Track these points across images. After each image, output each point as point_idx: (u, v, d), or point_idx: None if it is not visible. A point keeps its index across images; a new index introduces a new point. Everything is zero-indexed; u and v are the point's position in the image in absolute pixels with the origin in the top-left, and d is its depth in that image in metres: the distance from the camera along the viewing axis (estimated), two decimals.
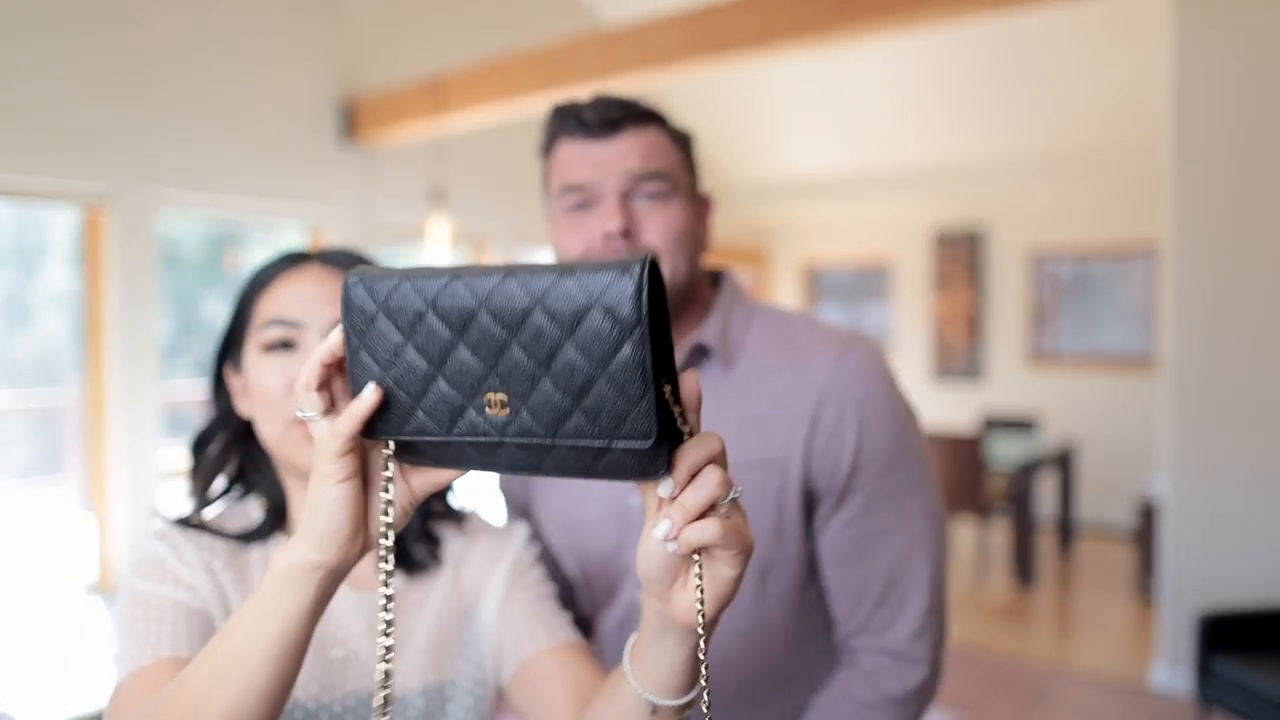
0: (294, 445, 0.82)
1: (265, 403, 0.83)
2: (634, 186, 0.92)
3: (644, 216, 0.92)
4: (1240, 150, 3.44)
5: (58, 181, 3.55)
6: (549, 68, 3.74)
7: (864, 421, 0.93)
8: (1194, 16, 3.51)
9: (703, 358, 0.97)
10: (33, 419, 4.42)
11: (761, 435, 0.94)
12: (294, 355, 0.83)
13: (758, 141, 6.99)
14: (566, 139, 0.95)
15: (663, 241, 0.92)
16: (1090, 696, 3.62)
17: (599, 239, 0.92)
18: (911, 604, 0.94)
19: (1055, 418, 6.52)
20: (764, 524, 0.94)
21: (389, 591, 0.58)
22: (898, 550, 0.94)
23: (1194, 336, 3.54)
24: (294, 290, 0.85)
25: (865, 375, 0.94)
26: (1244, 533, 3.45)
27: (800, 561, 0.96)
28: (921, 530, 0.95)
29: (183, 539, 0.83)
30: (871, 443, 0.93)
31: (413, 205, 4.88)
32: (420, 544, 0.90)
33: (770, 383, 0.95)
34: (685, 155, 0.99)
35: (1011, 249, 6.81)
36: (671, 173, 0.94)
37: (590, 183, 0.93)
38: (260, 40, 4.24)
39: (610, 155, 0.92)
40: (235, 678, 0.58)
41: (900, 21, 2.86)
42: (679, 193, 0.95)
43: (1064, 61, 5.35)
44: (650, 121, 0.95)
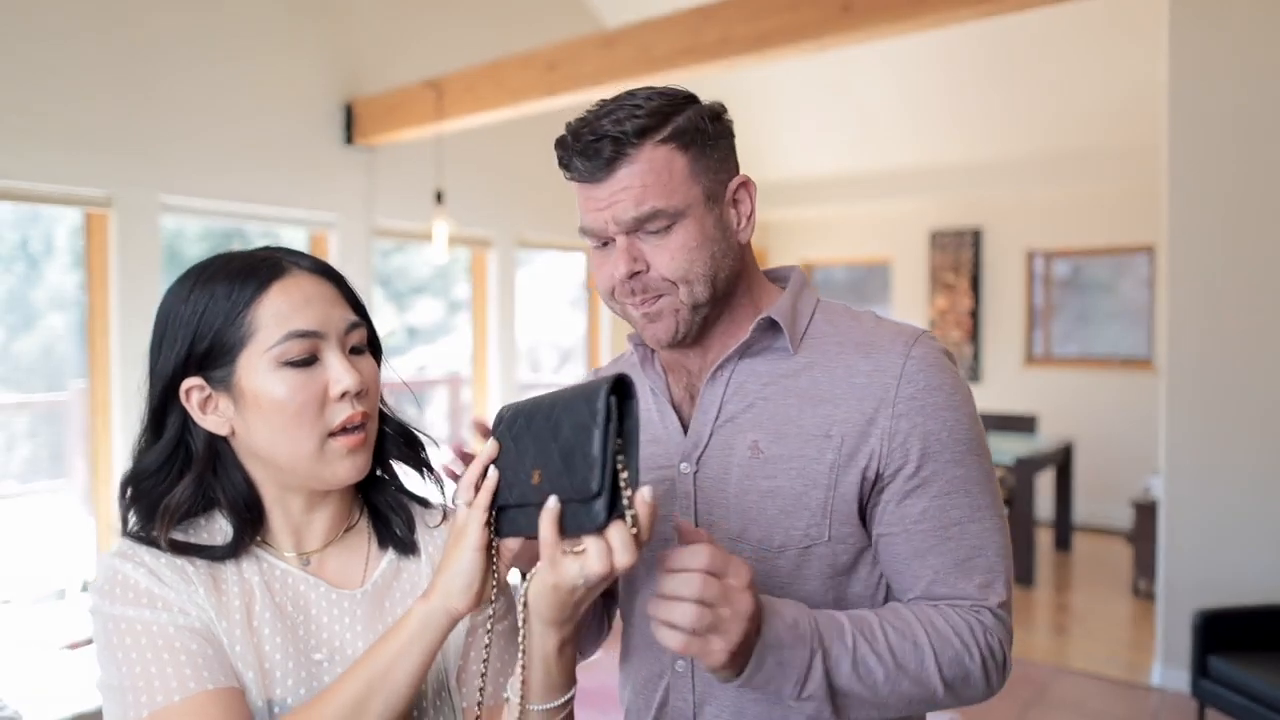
0: (327, 460, 0.82)
1: (292, 417, 0.80)
2: (635, 227, 0.92)
3: (653, 252, 0.93)
4: (1235, 152, 3.45)
5: (60, 185, 3.57)
6: (549, 69, 3.76)
7: (935, 407, 0.92)
8: (1186, 19, 3.52)
9: (771, 334, 0.98)
10: (36, 420, 4.43)
11: (824, 412, 0.94)
12: (317, 367, 0.81)
13: (757, 142, 7.00)
14: (569, 177, 0.95)
15: (671, 272, 0.93)
16: (1088, 695, 3.64)
17: (615, 281, 0.94)
18: (993, 595, 0.94)
19: (1053, 418, 6.54)
20: (814, 498, 0.93)
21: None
22: (973, 541, 0.93)
23: (1190, 337, 3.56)
24: (299, 298, 0.82)
25: (936, 365, 0.94)
26: (1241, 532, 3.47)
27: (846, 544, 0.95)
28: (993, 525, 0.95)
29: (151, 559, 0.80)
30: (944, 431, 0.92)
31: (414, 208, 4.89)
32: (398, 517, 0.91)
33: (836, 364, 0.96)
34: (697, 157, 0.94)
35: (1010, 250, 6.82)
36: (669, 202, 0.91)
37: (596, 228, 0.94)
38: (262, 43, 4.25)
39: (605, 199, 0.92)
40: (377, 708, 0.75)
41: (899, 23, 2.87)
42: (684, 215, 0.92)
43: (1063, 63, 5.37)
44: (644, 140, 0.90)
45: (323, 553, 0.89)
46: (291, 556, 0.87)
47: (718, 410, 0.98)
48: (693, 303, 0.94)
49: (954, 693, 0.90)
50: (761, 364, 0.99)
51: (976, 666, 0.90)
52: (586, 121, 0.93)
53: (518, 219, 5.50)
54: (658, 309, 0.94)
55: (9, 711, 2.46)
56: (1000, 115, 5.92)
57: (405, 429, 0.93)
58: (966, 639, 0.90)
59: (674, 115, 0.93)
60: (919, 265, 7.24)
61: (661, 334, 0.96)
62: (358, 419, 0.82)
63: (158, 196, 3.86)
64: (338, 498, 0.89)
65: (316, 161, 4.49)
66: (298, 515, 0.87)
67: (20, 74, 3.43)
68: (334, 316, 0.83)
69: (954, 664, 0.89)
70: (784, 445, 0.94)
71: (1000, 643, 0.92)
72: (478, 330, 5.57)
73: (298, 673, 0.81)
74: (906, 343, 0.95)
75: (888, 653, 0.87)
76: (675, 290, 0.93)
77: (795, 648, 0.82)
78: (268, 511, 0.87)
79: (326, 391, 0.81)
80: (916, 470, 0.92)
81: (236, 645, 0.80)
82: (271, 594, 0.84)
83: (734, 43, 3.20)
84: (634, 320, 0.97)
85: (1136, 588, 4.84)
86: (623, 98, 0.94)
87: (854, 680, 0.85)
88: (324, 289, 0.84)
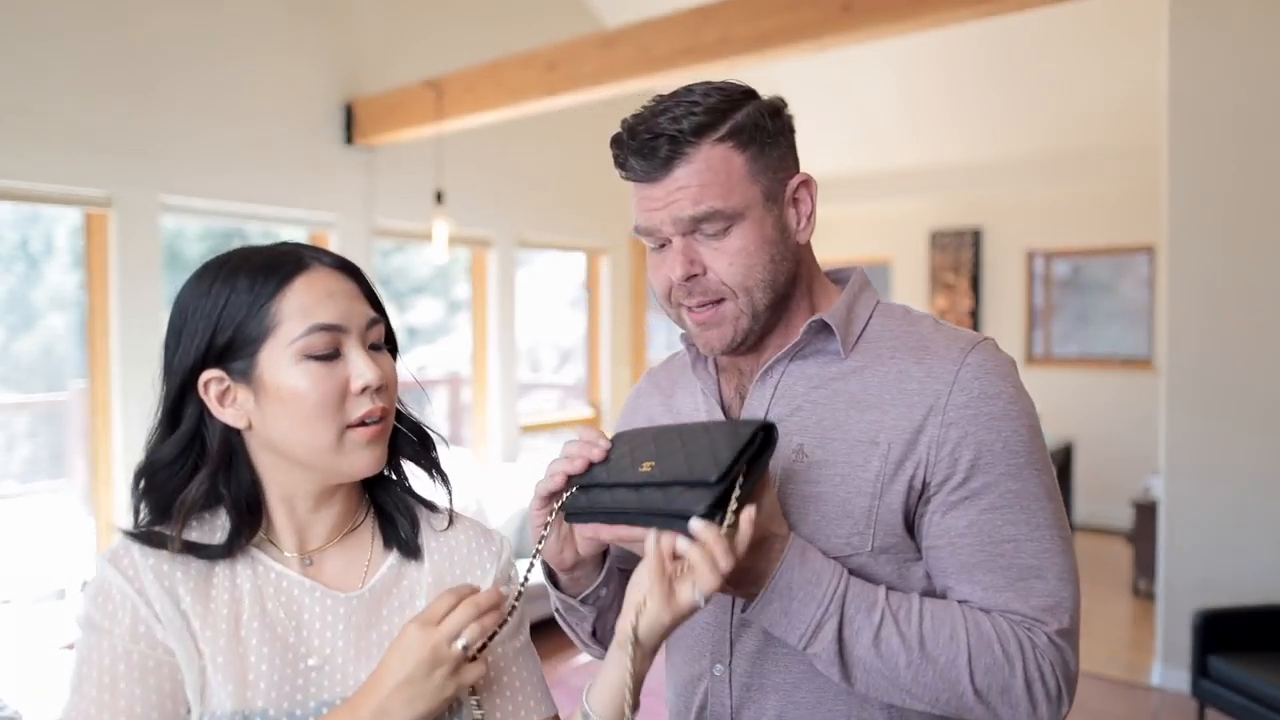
0: (346, 451, 0.82)
1: (314, 409, 0.80)
2: (692, 228, 0.90)
3: (710, 256, 0.91)
4: (1235, 152, 3.46)
5: (60, 185, 3.57)
6: (549, 69, 3.76)
7: (990, 417, 0.88)
8: (1186, 20, 3.52)
9: (823, 336, 0.96)
10: (36, 420, 4.44)
11: (871, 418, 0.91)
12: (339, 361, 0.82)
13: None
14: (625, 176, 0.93)
15: (729, 278, 0.91)
16: (1088, 695, 3.64)
17: (672, 283, 0.92)
18: (1052, 620, 0.87)
19: (1053, 418, 6.53)
20: (859, 506, 0.90)
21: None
22: (1028, 561, 0.87)
23: (1191, 337, 3.56)
24: (322, 293, 0.83)
25: (993, 372, 0.90)
26: (1241, 532, 3.47)
27: (890, 555, 0.91)
28: (1055, 547, 0.88)
29: (142, 561, 0.80)
30: (999, 442, 0.88)
31: (414, 208, 4.89)
32: (404, 518, 0.91)
33: (887, 369, 0.93)
34: (756, 156, 0.91)
35: (1010, 250, 6.82)
36: (727, 202, 0.89)
37: (653, 227, 0.92)
38: (262, 43, 4.25)
39: (661, 199, 0.89)
40: None
41: (899, 23, 2.87)
42: (745, 214, 0.90)
43: (1063, 63, 5.37)
44: (703, 139, 0.88)
45: (324, 552, 0.88)
46: (293, 556, 0.87)
47: (764, 412, 0.96)
48: (752, 311, 0.92)
49: (988, 705, 0.84)
50: (812, 366, 0.96)
51: (1018, 683, 0.84)
52: (643, 119, 0.90)
53: (518, 219, 5.50)
54: (716, 316, 0.92)
55: (9, 711, 2.46)
56: (1000, 115, 5.92)
57: (419, 428, 0.93)
58: (1011, 651, 0.84)
59: (732, 112, 0.91)
60: (919, 265, 7.24)
61: (716, 341, 0.94)
62: (377, 413, 0.83)
63: (158, 196, 3.86)
64: (344, 497, 0.89)
65: (316, 161, 4.49)
66: (303, 514, 0.87)
67: (20, 74, 3.43)
68: (356, 311, 0.84)
69: (989, 672, 0.84)
70: (829, 451, 0.92)
71: (1053, 669, 0.85)
72: (478, 330, 5.57)
73: (282, 685, 0.81)
74: (963, 349, 0.91)
75: (916, 638, 0.84)
76: (735, 297, 0.91)
77: (805, 603, 0.82)
78: (272, 509, 0.86)
79: (348, 385, 0.82)
80: (964, 481, 0.88)
81: (219, 656, 0.80)
82: (263, 600, 0.83)
83: (734, 43, 3.20)
84: (688, 327, 0.96)
85: (1136, 588, 4.84)
86: (680, 94, 0.91)
87: (872, 654, 0.84)
88: (345, 284, 0.85)
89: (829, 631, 0.83)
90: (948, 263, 7.03)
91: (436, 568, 0.91)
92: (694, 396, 1.05)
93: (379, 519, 0.92)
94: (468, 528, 0.95)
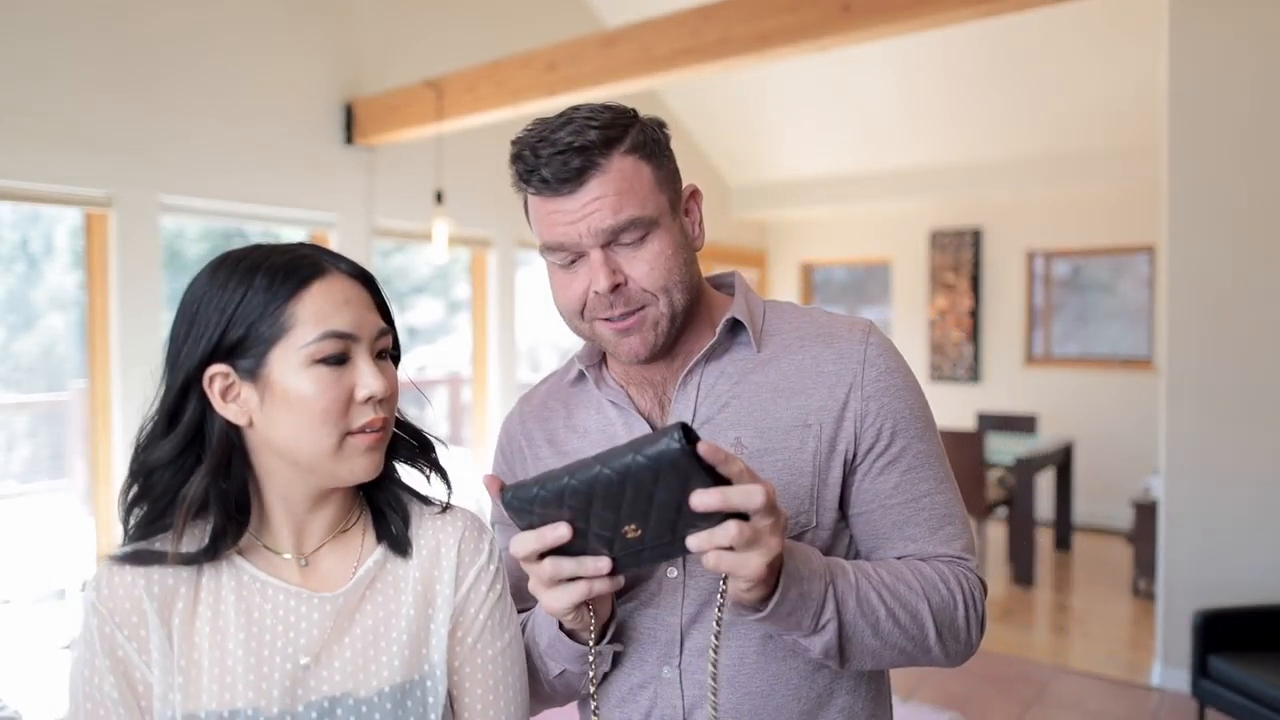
0: (345, 456, 0.83)
1: (319, 414, 0.81)
2: (611, 238, 0.91)
3: (629, 263, 0.92)
4: (1235, 152, 3.45)
5: (60, 185, 3.57)
6: (549, 69, 3.76)
7: (899, 389, 0.97)
8: (1186, 20, 3.52)
9: (735, 333, 1.02)
10: (36, 420, 4.44)
11: (797, 403, 0.97)
12: (347, 369, 0.83)
13: (757, 142, 7.00)
14: (532, 192, 0.94)
15: (652, 284, 0.93)
16: (1088, 695, 3.64)
17: (592, 294, 0.93)
18: (967, 557, 0.99)
19: (1053, 418, 6.54)
20: (802, 486, 0.96)
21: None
22: (942, 510, 0.98)
23: (1190, 337, 3.56)
24: (338, 299, 0.84)
25: (890, 349, 1.00)
26: (1241, 532, 3.47)
27: (830, 530, 0.98)
28: (954, 496, 1.00)
29: (123, 588, 0.81)
30: (905, 409, 0.97)
31: (414, 208, 4.89)
32: (396, 514, 0.91)
33: (800, 356, 0.99)
34: (659, 166, 0.94)
35: (1010, 250, 6.82)
36: (644, 210, 0.91)
37: (568, 242, 0.92)
38: (262, 43, 4.25)
39: (576, 211, 0.90)
40: None
41: (899, 23, 2.88)
42: (658, 222, 0.93)
43: (1063, 63, 5.37)
44: (612, 151, 0.90)
45: (318, 552, 0.89)
46: (290, 557, 0.87)
47: (693, 413, 0.99)
48: (672, 312, 0.95)
49: (943, 642, 0.93)
50: (728, 364, 1.00)
51: (960, 615, 0.94)
52: (541, 136, 0.91)
53: (518, 219, 5.47)
54: (638, 321, 0.94)
55: (9, 711, 2.46)
56: (1000, 115, 5.92)
57: (419, 433, 0.94)
58: (951, 585, 0.94)
59: (630, 127, 0.93)
60: (919, 265, 7.24)
61: (639, 347, 0.95)
62: (378, 423, 0.84)
63: (158, 196, 3.86)
64: (340, 497, 0.90)
65: (316, 161, 4.49)
66: (300, 514, 0.88)
67: (20, 73, 3.43)
68: (368, 321, 0.85)
69: (942, 609, 0.93)
70: (766, 439, 0.97)
71: (976, 594, 0.96)
72: (478, 330, 5.57)
73: (268, 686, 0.81)
74: (864, 331, 1.00)
75: (885, 589, 0.90)
76: (656, 301, 0.94)
77: (812, 580, 0.85)
78: (270, 509, 0.87)
79: (353, 393, 0.83)
80: (887, 448, 0.96)
81: (203, 659, 0.81)
82: (248, 603, 0.84)
83: (734, 43, 3.20)
84: (604, 338, 0.96)
85: (1136, 588, 4.84)
86: (567, 113, 0.93)
87: (859, 615, 0.88)
88: (360, 293, 0.86)
89: (831, 601, 0.86)
90: (948, 263, 7.03)
91: (424, 562, 0.91)
92: (602, 413, 1.04)
93: (372, 515, 0.93)
94: (460, 519, 0.94)
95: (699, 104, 6.72)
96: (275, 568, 0.87)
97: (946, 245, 7.03)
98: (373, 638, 0.86)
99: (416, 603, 0.88)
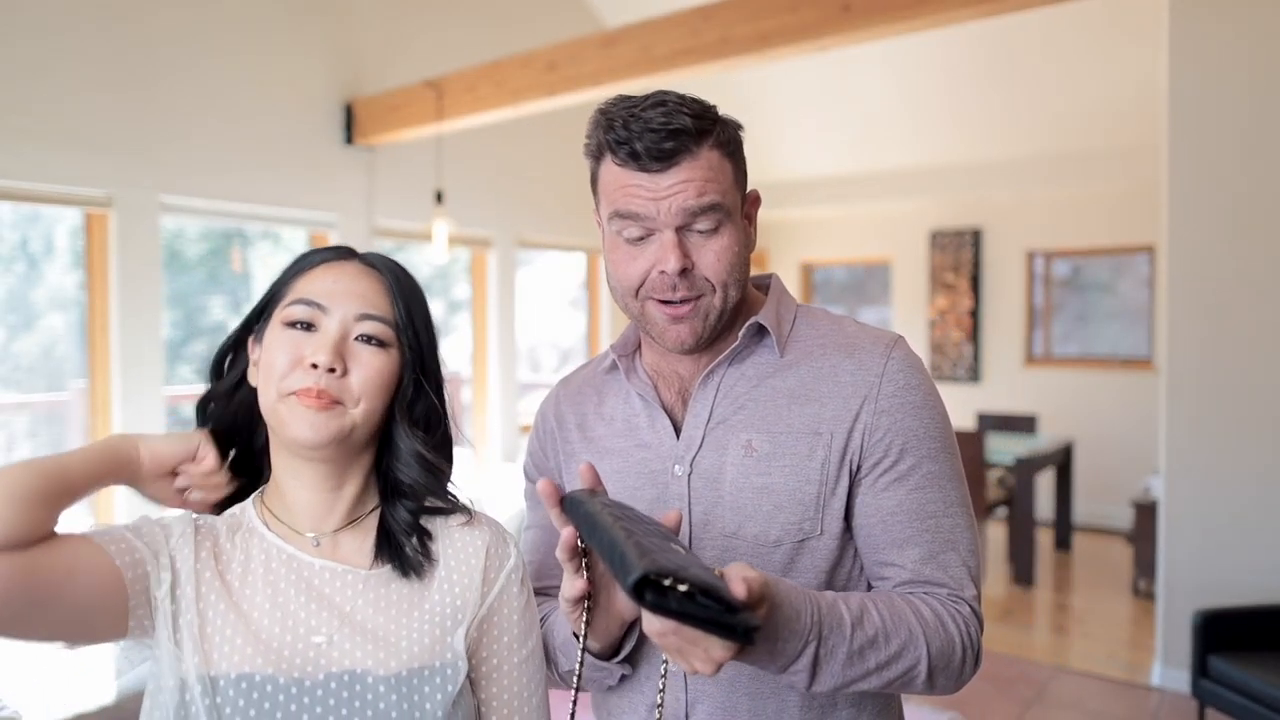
0: (285, 414, 0.85)
1: (269, 372, 0.86)
2: (689, 221, 0.93)
3: (698, 250, 0.94)
4: (1235, 152, 3.45)
5: (60, 185, 3.57)
6: (549, 69, 3.76)
7: (915, 406, 0.96)
8: (1186, 20, 3.52)
9: (760, 337, 1.02)
10: (36, 420, 4.44)
11: (811, 411, 0.97)
12: (310, 336, 0.86)
13: (757, 142, 7.00)
14: (616, 162, 0.95)
15: (715, 275, 0.95)
16: (1088, 695, 3.64)
17: (656, 274, 0.94)
18: (968, 588, 0.97)
19: (1053, 418, 6.54)
20: (808, 493, 0.96)
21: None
22: (947, 535, 0.96)
23: (1190, 337, 3.56)
24: (329, 279, 0.89)
25: (914, 367, 0.99)
26: (1241, 532, 3.47)
27: (835, 539, 0.97)
28: (964, 522, 0.97)
29: (176, 526, 0.87)
30: (920, 427, 0.96)
31: (414, 208, 4.89)
32: (412, 538, 0.90)
33: (820, 364, 1.00)
34: (737, 164, 0.98)
35: (1010, 250, 6.82)
36: (724, 199, 0.94)
37: (644, 215, 0.93)
38: (262, 43, 4.25)
39: (664, 189, 0.92)
40: None
41: (899, 23, 2.88)
42: (731, 217, 0.95)
43: (1063, 63, 5.37)
44: (703, 141, 0.93)
45: (337, 535, 0.90)
46: (310, 536, 0.89)
47: (709, 413, 1.00)
48: (723, 306, 0.97)
49: (933, 681, 0.92)
50: (750, 368, 1.01)
51: (958, 657, 0.92)
52: (632, 112, 0.93)
53: (518, 219, 5.50)
54: (691, 311, 0.95)
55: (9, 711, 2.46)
56: (1000, 115, 5.92)
57: (420, 454, 0.91)
58: (952, 630, 0.92)
59: (717, 122, 0.96)
60: (919, 265, 7.24)
61: (688, 336, 0.97)
62: (313, 391, 0.84)
63: (158, 196, 3.86)
64: (357, 482, 0.91)
65: (316, 161, 4.49)
66: (316, 492, 0.89)
67: (20, 73, 3.43)
68: (351, 298, 0.88)
69: (942, 654, 0.91)
70: (776, 443, 0.97)
71: (975, 635, 0.94)
72: (478, 330, 5.57)
73: (294, 655, 0.83)
74: (887, 345, 0.99)
75: (883, 639, 0.87)
76: (714, 293, 0.95)
77: (790, 640, 0.82)
78: (284, 485, 0.90)
79: (304, 359, 0.86)
80: (894, 464, 0.95)
81: (226, 616, 0.84)
82: (275, 573, 0.87)
83: (734, 43, 3.20)
84: (654, 321, 0.97)
85: (1136, 588, 4.84)
86: (657, 95, 0.95)
87: (846, 666, 0.86)
88: (365, 279, 0.90)
89: (808, 656, 0.84)
90: (948, 263, 7.03)
91: (451, 560, 0.92)
92: (629, 403, 1.07)
93: (378, 532, 0.92)
94: (484, 526, 0.96)
95: None
96: (299, 545, 0.89)
97: (946, 245, 7.03)
98: (394, 619, 0.87)
99: (444, 593, 0.90)
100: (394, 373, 0.89)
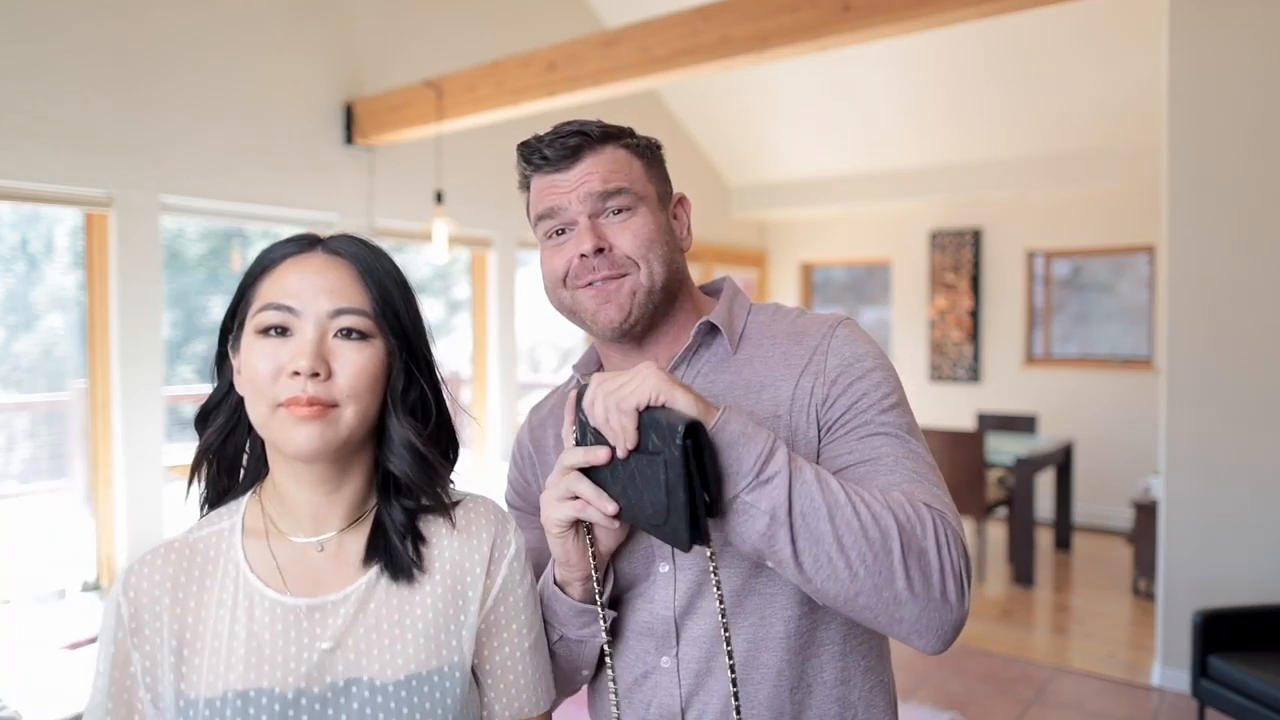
0: (278, 428, 0.82)
1: (253, 385, 0.82)
2: (599, 206, 1.00)
3: (614, 232, 1.00)
4: (1235, 152, 3.45)
5: (60, 185, 3.57)
6: (549, 69, 3.76)
7: (861, 369, 0.98)
8: (1186, 19, 3.52)
9: (713, 335, 1.06)
10: (36, 420, 4.43)
11: (769, 397, 1.00)
12: (286, 342, 0.82)
13: (757, 142, 7.00)
14: (535, 174, 1.04)
15: (633, 251, 1.00)
16: (1088, 695, 3.64)
17: (577, 260, 1.00)
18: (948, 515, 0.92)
19: (1053, 418, 6.54)
20: None
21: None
22: (910, 471, 0.91)
23: (1190, 337, 3.56)
24: (296, 277, 0.84)
25: (858, 339, 1.01)
26: (1241, 532, 3.47)
27: None
28: (924, 465, 0.93)
29: (146, 580, 0.85)
30: (869, 384, 0.98)
31: (414, 208, 4.89)
32: (406, 540, 0.88)
33: (770, 353, 1.03)
34: (649, 164, 1.05)
35: (1010, 250, 6.82)
36: (633, 186, 1.01)
37: (559, 207, 1.01)
38: (262, 43, 4.25)
39: (573, 181, 1.00)
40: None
41: (899, 23, 2.88)
42: (645, 202, 1.02)
43: (1063, 63, 5.37)
44: (607, 141, 1.02)
45: (338, 537, 0.89)
46: (309, 541, 0.88)
47: None
48: (650, 285, 1.00)
49: (908, 572, 0.81)
50: (704, 364, 1.05)
51: (931, 546, 0.83)
52: (548, 133, 1.03)
53: (518, 219, 5.50)
54: (616, 288, 0.99)
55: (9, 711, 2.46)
56: (1000, 115, 5.92)
57: (411, 443, 0.89)
58: (922, 513, 0.85)
59: (626, 133, 1.05)
60: (919, 265, 7.24)
61: (615, 315, 1.00)
62: (303, 400, 0.81)
63: (158, 196, 3.86)
64: (355, 483, 0.89)
65: (316, 161, 4.49)
66: (313, 496, 0.88)
67: (20, 73, 3.42)
68: (320, 296, 0.83)
69: (909, 529, 0.83)
70: None
71: (949, 535, 0.85)
72: (478, 330, 5.57)
73: (300, 663, 0.83)
74: (831, 325, 1.03)
75: (849, 485, 0.85)
76: (636, 270, 1.00)
77: (754, 438, 0.82)
78: (283, 489, 0.88)
79: (286, 366, 0.83)
80: (847, 423, 0.96)
81: (218, 641, 0.83)
82: (274, 582, 0.86)
83: (734, 43, 3.20)
84: (584, 308, 1.01)
85: (1136, 588, 4.84)
86: (573, 121, 1.03)
87: (815, 487, 0.81)
88: (331, 271, 0.85)
89: (781, 453, 0.82)
90: (948, 263, 7.03)
91: (454, 555, 0.91)
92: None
93: (370, 530, 0.90)
94: (488, 515, 0.95)
95: (699, 104, 6.72)
96: (298, 551, 0.88)
97: (946, 245, 7.03)
98: (394, 624, 0.86)
99: (444, 595, 0.89)
100: (381, 364, 0.86)
